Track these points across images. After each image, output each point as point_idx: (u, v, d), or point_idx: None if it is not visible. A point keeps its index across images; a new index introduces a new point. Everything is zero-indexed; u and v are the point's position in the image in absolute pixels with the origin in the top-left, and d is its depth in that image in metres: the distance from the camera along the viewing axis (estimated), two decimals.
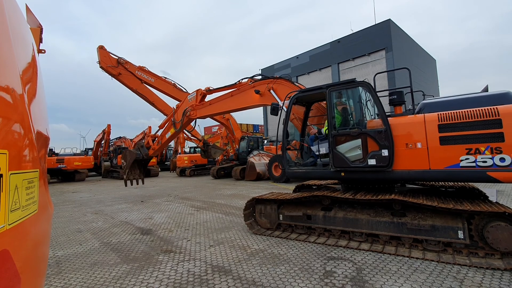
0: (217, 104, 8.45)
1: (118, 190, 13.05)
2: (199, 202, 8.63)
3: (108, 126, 23.07)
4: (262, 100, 7.35)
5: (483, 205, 3.49)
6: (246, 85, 7.68)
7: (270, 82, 7.09)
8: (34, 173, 1.02)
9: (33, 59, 1.16)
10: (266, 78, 7.28)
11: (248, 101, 7.69)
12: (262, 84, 7.23)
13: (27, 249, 0.96)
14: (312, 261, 3.57)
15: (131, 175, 10.06)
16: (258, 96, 7.28)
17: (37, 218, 1.04)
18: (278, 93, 6.93)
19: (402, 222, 3.80)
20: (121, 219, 6.66)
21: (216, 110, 8.60)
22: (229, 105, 8.18)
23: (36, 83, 1.15)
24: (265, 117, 41.94)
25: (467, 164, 3.51)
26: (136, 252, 4.29)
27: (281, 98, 6.75)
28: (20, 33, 1.03)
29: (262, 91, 7.19)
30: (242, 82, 7.96)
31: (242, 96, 7.78)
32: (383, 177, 4.16)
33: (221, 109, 8.46)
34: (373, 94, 4.34)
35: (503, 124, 3.32)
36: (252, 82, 7.62)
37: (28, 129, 0.95)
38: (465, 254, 3.44)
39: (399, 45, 29.79)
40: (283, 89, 6.88)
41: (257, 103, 7.56)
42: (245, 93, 7.69)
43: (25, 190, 0.94)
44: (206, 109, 8.74)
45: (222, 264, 3.64)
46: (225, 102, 8.22)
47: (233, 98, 7.99)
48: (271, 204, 4.97)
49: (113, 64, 11.70)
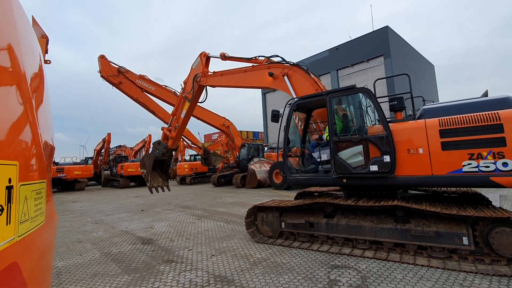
0: (229, 76, 8.25)
1: (118, 199, 12.97)
2: (200, 211, 8.57)
3: (108, 135, 23.11)
4: (274, 84, 7.16)
5: (486, 211, 3.47)
6: (262, 64, 7.46)
7: (285, 68, 6.91)
8: (42, 183, 1.01)
9: (40, 69, 1.17)
10: (283, 62, 7.14)
11: (260, 82, 7.54)
12: (277, 68, 7.03)
13: (34, 260, 0.95)
14: (315, 270, 3.53)
15: (154, 182, 9.22)
16: (271, 79, 7.08)
17: (44, 229, 1.03)
18: (291, 81, 6.74)
19: (406, 229, 3.77)
20: (122, 229, 6.60)
21: (227, 82, 8.37)
22: (240, 81, 8.01)
23: (43, 92, 1.16)
24: (265, 124, 42.05)
25: (470, 169, 3.50)
26: (137, 262, 4.24)
27: (293, 86, 6.61)
28: (29, 44, 1.04)
29: (276, 74, 6.98)
30: (259, 59, 7.76)
31: (255, 75, 7.60)
32: (385, 183, 4.14)
33: (232, 82, 8.26)
34: (374, 100, 4.36)
35: (505, 128, 3.32)
36: (268, 62, 7.42)
37: (37, 139, 0.95)
38: (470, 261, 3.39)
39: (397, 51, 30.10)
40: (297, 78, 6.71)
41: (268, 85, 7.38)
42: (259, 72, 7.50)
43: (33, 201, 0.93)
44: (217, 78, 8.49)
45: (224, 273, 3.59)
46: (237, 77, 8.06)
47: (246, 74, 7.80)
48: (273, 212, 4.94)
49: (114, 73, 11.80)
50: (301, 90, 6.58)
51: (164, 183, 9.53)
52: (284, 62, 7.06)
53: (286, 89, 6.81)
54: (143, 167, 9.35)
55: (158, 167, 9.55)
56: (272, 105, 39.55)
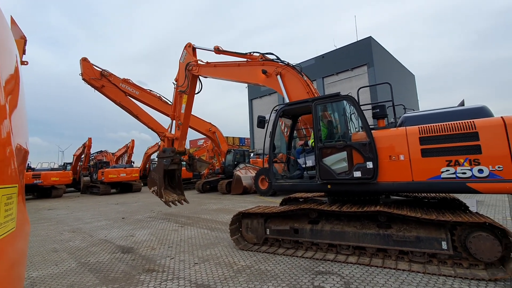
0: (222, 68, 8.16)
1: (97, 207, 12.50)
2: (184, 218, 8.38)
3: (89, 140, 22.36)
4: (266, 82, 7.14)
5: (464, 216, 3.58)
6: (256, 61, 7.47)
7: (279, 67, 6.91)
8: (13, 188, 0.96)
9: (16, 70, 1.13)
10: (278, 60, 7.15)
11: (253, 78, 7.49)
12: (271, 66, 7.02)
13: (4, 269, 0.89)
14: (300, 277, 3.51)
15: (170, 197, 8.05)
16: (264, 76, 7.06)
17: (15, 236, 0.97)
18: (284, 80, 6.73)
19: (388, 234, 3.83)
20: (101, 237, 6.34)
21: (219, 74, 8.26)
22: (233, 75, 7.95)
23: (18, 95, 1.10)
24: (252, 130, 42.12)
25: (448, 175, 3.62)
26: (116, 272, 4.07)
27: (286, 86, 6.61)
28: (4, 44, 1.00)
29: (269, 72, 6.97)
30: (253, 55, 7.71)
31: (248, 70, 7.56)
32: (368, 189, 4.21)
33: (224, 75, 8.16)
34: (357, 107, 4.46)
35: (480, 137, 3.47)
36: (263, 59, 7.39)
37: (9, 142, 0.90)
38: (450, 265, 3.48)
39: (380, 61, 31.20)
40: (290, 78, 6.70)
41: (261, 82, 7.35)
42: (252, 68, 7.47)
43: (3, 206, 0.88)
44: (210, 69, 8.37)
45: (207, 282, 3.50)
46: (230, 70, 7.99)
47: (239, 68, 7.75)
48: (257, 218, 4.90)
49: (97, 77, 11.48)
50: (293, 91, 6.61)
51: (180, 197, 8.35)
52: (279, 60, 7.09)
53: (278, 88, 6.82)
54: (152, 184, 8.18)
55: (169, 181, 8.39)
56: (259, 111, 39.74)
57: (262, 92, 42.13)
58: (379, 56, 31.60)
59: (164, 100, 11.43)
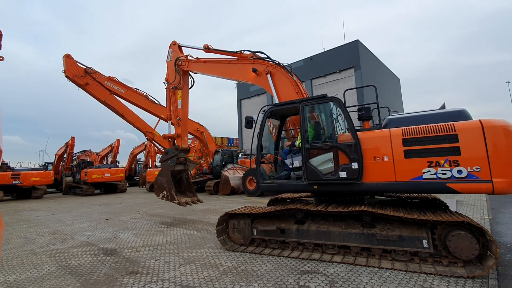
0: (212, 64, 8.11)
1: (80, 208, 12.15)
2: (170, 219, 8.26)
3: (72, 139, 21.68)
4: (256, 80, 7.11)
5: (444, 215, 3.69)
6: (247, 59, 7.42)
7: (269, 66, 6.88)
8: None
9: None
10: (268, 60, 7.11)
11: (243, 76, 7.44)
12: (261, 64, 6.98)
13: None
14: (285, 277, 3.52)
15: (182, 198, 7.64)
16: (254, 74, 7.02)
17: None
18: (274, 80, 6.73)
19: (372, 233, 3.90)
20: (82, 239, 6.16)
21: (209, 70, 8.21)
22: (223, 72, 7.89)
23: None
24: (240, 130, 42.03)
25: (429, 176, 3.72)
26: (98, 275, 3.95)
27: (275, 86, 6.59)
28: None
29: (259, 71, 6.96)
30: (244, 53, 7.67)
31: (239, 68, 7.51)
32: (353, 189, 4.28)
33: (214, 72, 8.09)
34: (343, 109, 4.52)
35: (459, 139, 3.59)
36: (254, 58, 7.35)
37: None
38: (430, 263, 3.58)
39: (366, 64, 31.83)
40: (280, 78, 6.70)
41: (251, 81, 7.30)
42: (243, 66, 7.43)
43: None
44: (199, 65, 8.31)
45: (192, 284, 3.46)
46: (220, 67, 7.92)
47: (230, 66, 7.70)
48: (244, 219, 4.89)
49: (80, 74, 11.17)
50: (283, 91, 6.61)
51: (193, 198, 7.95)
52: (269, 60, 7.08)
53: (268, 87, 6.81)
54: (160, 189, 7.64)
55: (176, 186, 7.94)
56: (248, 111, 39.72)
57: (251, 93, 42.13)
58: (366, 59, 32.26)
59: (151, 99, 11.25)
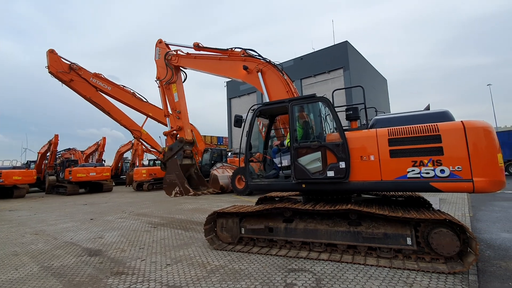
0: (202, 60, 8.00)
1: (64, 207, 11.82)
2: (157, 218, 8.15)
3: (56, 137, 21.06)
4: (247, 78, 7.04)
5: (427, 213, 3.80)
6: (238, 56, 7.33)
7: (260, 64, 6.83)
8: None
9: None
10: (259, 58, 7.04)
11: (233, 73, 7.37)
12: (252, 62, 6.92)
13: None
14: (273, 275, 3.53)
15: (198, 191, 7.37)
16: (245, 72, 6.95)
17: None
18: (265, 78, 6.68)
19: (358, 231, 3.97)
20: (66, 240, 5.99)
21: (199, 66, 8.10)
22: (214, 68, 7.79)
23: None
24: (230, 129, 41.91)
25: (413, 175, 3.82)
26: (81, 276, 3.86)
27: (266, 84, 6.55)
28: None
29: (250, 68, 6.90)
30: (235, 50, 7.59)
31: (229, 65, 7.42)
32: (340, 188, 4.33)
33: (204, 68, 7.99)
34: (332, 109, 4.57)
35: (442, 139, 3.70)
36: (245, 55, 7.30)
37: None
38: (413, 260, 3.68)
39: (355, 65, 32.33)
40: (270, 76, 6.65)
41: (241, 78, 7.23)
42: (233, 63, 7.34)
43: None
44: (190, 60, 8.20)
45: (179, 283, 3.42)
46: (211, 63, 7.82)
47: (220, 62, 7.60)
48: (233, 218, 4.87)
49: (65, 70, 10.86)
50: (273, 89, 6.60)
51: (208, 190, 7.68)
52: (261, 58, 7.04)
53: (258, 85, 6.80)
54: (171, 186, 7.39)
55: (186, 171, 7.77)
56: (238, 110, 39.62)
57: (241, 92, 42.05)
58: (355, 60, 32.76)
59: (138, 96, 11.05)
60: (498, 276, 3.29)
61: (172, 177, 7.51)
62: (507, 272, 3.38)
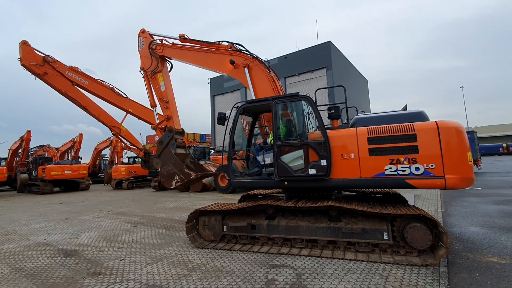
0: (188, 52, 7.84)
1: (37, 207, 11.27)
2: (137, 217, 7.96)
3: (28, 133, 19.96)
4: (233, 73, 6.91)
5: (403, 209, 3.97)
6: (225, 50, 7.22)
7: (248, 59, 6.74)
8: None
9: None
10: (247, 53, 6.95)
11: (219, 67, 7.21)
12: (239, 57, 6.79)
13: None
14: (254, 271, 3.56)
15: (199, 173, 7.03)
16: (231, 66, 6.87)
17: None
18: (251, 74, 6.64)
19: (338, 227, 4.08)
20: (39, 241, 5.72)
21: (185, 57, 7.92)
22: (200, 60, 7.66)
23: None
24: (213, 126, 41.54)
25: (390, 172, 3.97)
26: (56, 277, 3.71)
27: (252, 80, 6.46)
28: None
29: (237, 63, 6.82)
30: (222, 44, 7.45)
31: (216, 58, 7.30)
32: (322, 185, 4.42)
33: (190, 59, 7.82)
34: (314, 108, 4.65)
35: (418, 138, 3.86)
36: (232, 49, 7.16)
37: None
38: (389, 253, 3.83)
39: (337, 65, 32.99)
40: (257, 72, 6.62)
41: (227, 72, 7.08)
42: (220, 56, 7.22)
43: None
44: (175, 51, 8.00)
45: (159, 282, 3.37)
46: (197, 55, 7.66)
47: (207, 55, 7.47)
48: (215, 216, 4.85)
49: (38, 62, 10.30)
50: (259, 86, 6.56)
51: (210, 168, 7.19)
52: (248, 53, 6.97)
53: (244, 81, 6.73)
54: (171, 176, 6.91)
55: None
56: (221, 108, 39.35)
57: (225, 89, 41.75)
58: (337, 60, 33.43)
59: (117, 92, 10.66)
60: (466, 267, 3.49)
61: (169, 167, 7.18)
62: (474, 264, 3.60)
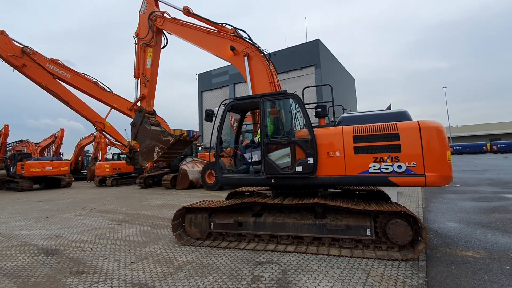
0: (189, 30, 7.61)
1: (16, 204, 10.86)
2: (121, 215, 7.81)
3: (6, 127, 19.16)
4: (232, 59, 6.74)
5: (385, 206, 4.09)
6: (227, 34, 7.07)
7: (249, 48, 6.60)
8: None
9: None
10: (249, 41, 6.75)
11: (219, 51, 7.07)
12: (241, 44, 6.62)
13: None
14: (241, 268, 3.59)
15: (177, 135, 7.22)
16: (231, 53, 6.75)
17: None
18: (250, 64, 6.54)
19: (323, 224, 4.16)
20: (19, 239, 5.53)
21: (185, 35, 7.71)
22: (200, 41, 7.46)
23: None
24: (201, 123, 41.15)
25: (374, 170, 4.08)
26: (37, 276, 3.60)
27: (251, 70, 6.30)
28: None
29: (237, 50, 6.69)
30: (225, 27, 7.27)
31: (217, 41, 7.13)
32: (308, 182, 4.49)
33: (190, 38, 7.62)
34: (301, 106, 4.69)
35: (400, 137, 3.98)
36: (235, 35, 7.00)
37: None
38: (372, 249, 3.95)
39: (325, 63, 33.33)
40: (257, 63, 6.52)
41: (227, 58, 6.92)
42: (222, 40, 7.06)
43: None
44: (175, 26, 7.74)
45: (144, 281, 3.34)
46: (198, 35, 7.47)
47: (208, 36, 7.29)
48: (202, 213, 4.83)
49: (17, 54, 9.88)
50: (257, 78, 6.46)
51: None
52: (250, 42, 6.83)
53: (242, 70, 6.62)
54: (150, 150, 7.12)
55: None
56: (209, 104, 39.02)
57: (213, 85, 41.40)
58: (325, 58, 33.77)
59: (101, 86, 10.36)
60: (443, 261, 3.65)
61: (147, 142, 7.24)
62: (451, 258, 3.77)
